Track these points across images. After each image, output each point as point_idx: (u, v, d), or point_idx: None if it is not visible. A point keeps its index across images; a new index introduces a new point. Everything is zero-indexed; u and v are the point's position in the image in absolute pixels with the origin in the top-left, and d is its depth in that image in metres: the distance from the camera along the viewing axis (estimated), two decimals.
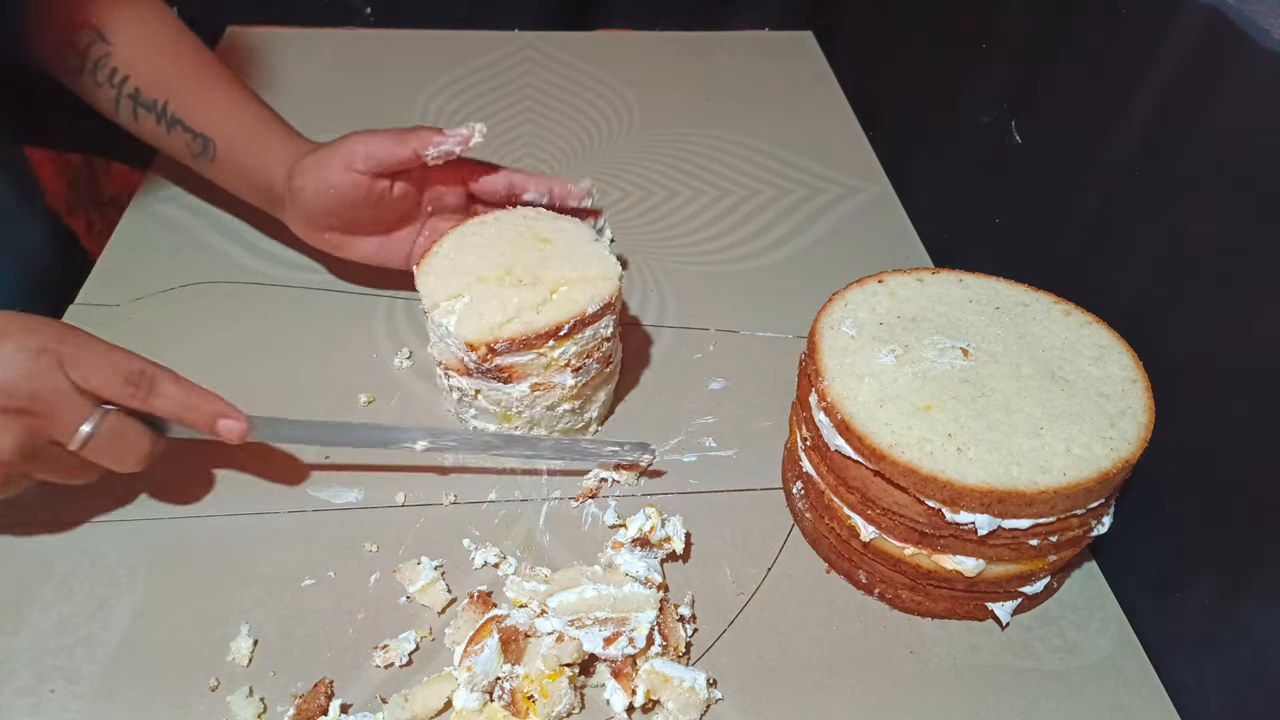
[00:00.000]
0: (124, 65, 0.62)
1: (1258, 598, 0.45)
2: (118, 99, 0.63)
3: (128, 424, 0.47)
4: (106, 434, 0.46)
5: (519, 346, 0.51)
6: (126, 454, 0.47)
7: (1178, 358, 0.51)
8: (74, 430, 0.45)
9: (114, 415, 0.47)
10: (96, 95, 0.64)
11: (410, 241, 0.64)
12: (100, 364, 0.46)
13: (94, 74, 0.62)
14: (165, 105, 0.62)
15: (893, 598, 0.51)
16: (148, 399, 0.47)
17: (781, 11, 1.04)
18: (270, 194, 0.62)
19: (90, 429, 0.46)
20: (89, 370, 0.46)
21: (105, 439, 0.46)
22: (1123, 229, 0.56)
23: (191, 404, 0.49)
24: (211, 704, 0.46)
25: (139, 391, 0.47)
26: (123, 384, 0.46)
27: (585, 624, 0.46)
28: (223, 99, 0.63)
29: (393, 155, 0.59)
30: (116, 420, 0.47)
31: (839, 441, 0.48)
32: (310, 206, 0.60)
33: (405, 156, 0.59)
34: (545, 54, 0.97)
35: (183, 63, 0.64)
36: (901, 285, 0.55)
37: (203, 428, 0.49)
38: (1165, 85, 0.52)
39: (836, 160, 0.85)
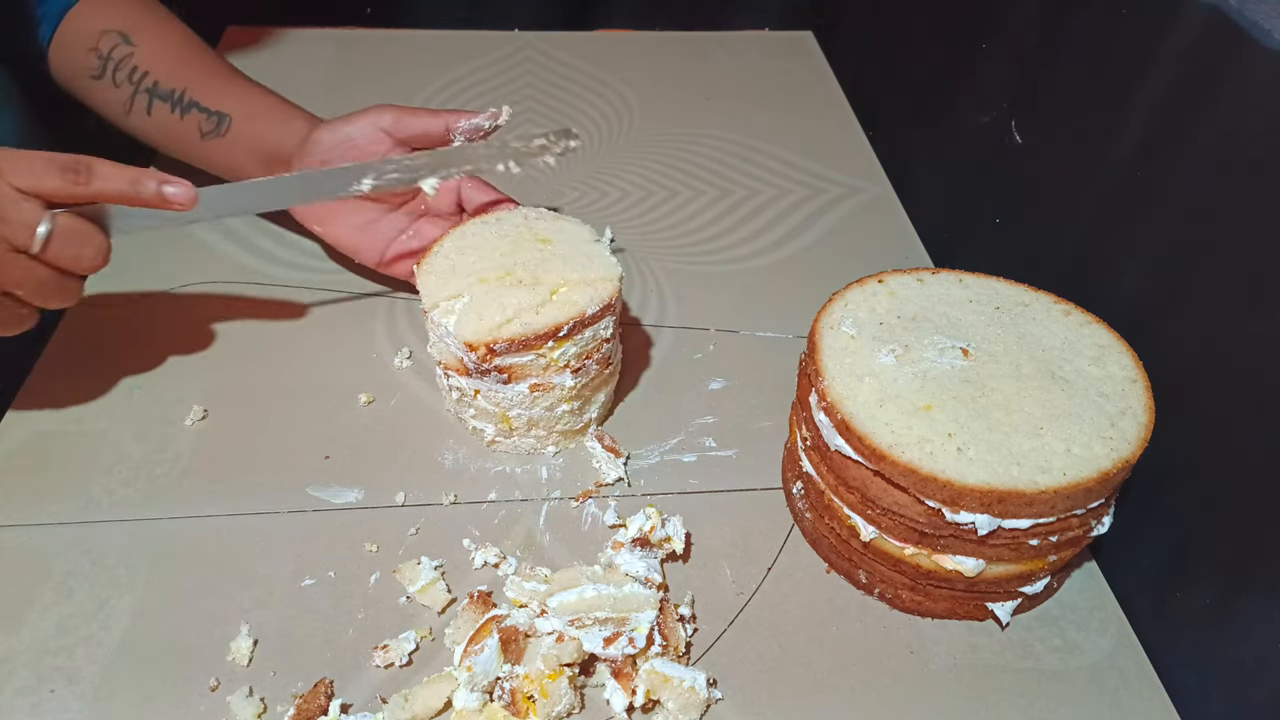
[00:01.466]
0: (144, 63, 0.65)
1: (1258, 598, 0.45)
2: (133, 95, 0.66)
3: (80, 221, 0.49)
4: (63, 231, 0.48)
5: (518, 347, 0.51)
6: (85, 249, 0.49)
7: (1178, 358, 0.51)
8: (31, 231, 0.47)
9: (66, 214, 0.49)
10: (109, 96, 0.67)
11: (392, 236, 0.64)
12: (33, 161, 0.48)
13: (113, 75, 0.66)
14: (183, 93, 0.65)
15: (893, 598, 0.51)
16: (90, 181, 0.49)
17: (781, 11, 1.04)
18: (277, 158, 0.63)
19: (45, 229, 0.47)
20: (24, 171, 0.47)
21: (63, 237, 0.48)
22: (1123, 229, 0.56)
23: (133, 177, 0.50)
24: (211, 704, 0.46)
25: (79, 176, 0.48)
26: (60, 173, 0.48)
27: (585, 624, 0.46)
28: (238, 83, 0.67)
29: (423, 125, 0.61)
30: (69, 218, 0.49)
31: (839, 441, 0.48)
32: (322, 160, 0.61)
33: (435, 129, 0.61)
34: (545, 54, 0.97)
35: (199, 57, 0.67)
36: (901, 285, 0.55)
37: (150, 199, 0.50)
38: (1166, 85, 0.52)
39: (836, 160, 0.85)
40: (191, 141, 0.66)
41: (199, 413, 0.59)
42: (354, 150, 0.60)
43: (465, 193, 0.64)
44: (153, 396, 0.60)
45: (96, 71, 0.66)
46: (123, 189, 0.50)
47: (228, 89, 0.66)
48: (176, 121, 0.65)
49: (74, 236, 0.49)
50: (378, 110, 0.61)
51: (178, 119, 0.65)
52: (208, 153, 0.66)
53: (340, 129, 0.61)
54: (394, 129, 0.61)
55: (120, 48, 0.65)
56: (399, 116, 0.61)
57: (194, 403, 0.60)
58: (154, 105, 0.65)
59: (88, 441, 0.57)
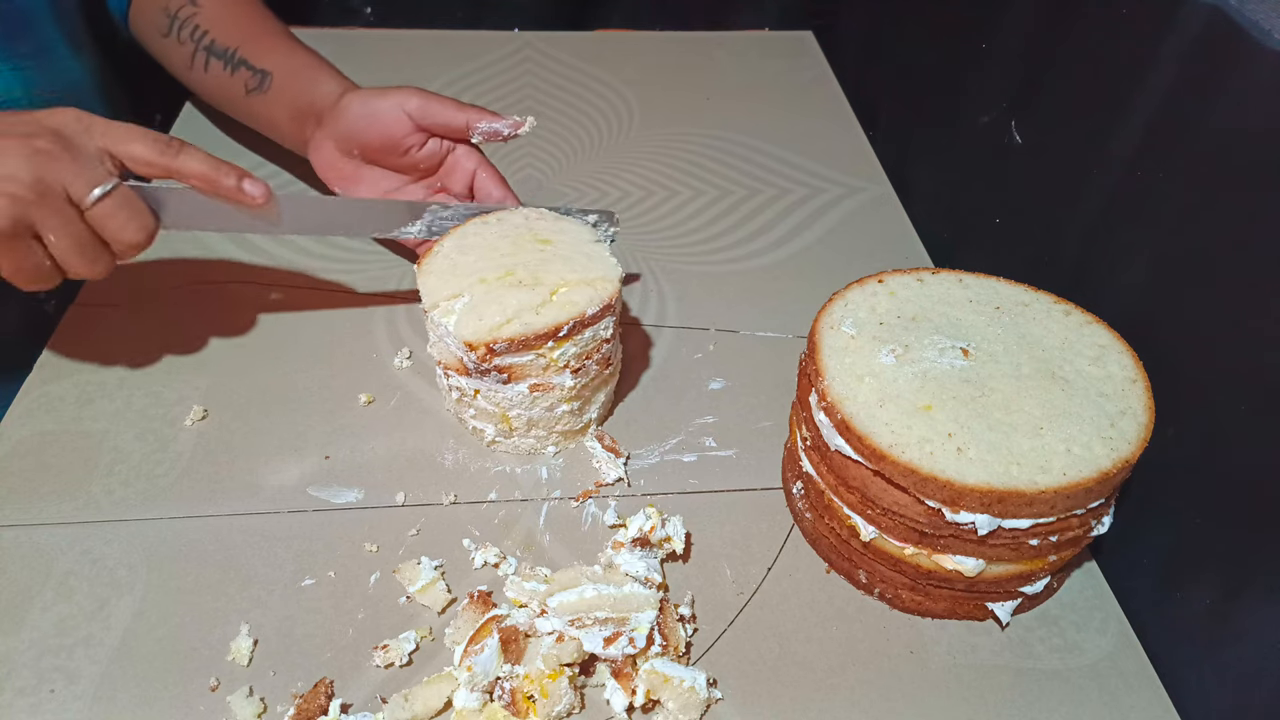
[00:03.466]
0: (205, 23, 0.70)
1: (1258, 598, 0.45)
2: (194, 53, 0.70)
3: (135, 198, 0.51)
4: (116, 198, 0.50)
5: (518, 347, 0.51)
6: (132, 224, 0.51)
7: (1178, 358, 0.51)
8: (90, 188, 0.49)
9: (125, 187, 0.51)
10: (177, 53, 0.71)
11: None
12: (133, 129, 0.51)
13: (178, 33, 0.71)
14: (235, 51, 0.69)
15: (893, 598, 0.51)
16: (176, 157, 0.52)
17: (781, 11, 1.04)
18: (310, 112, 0.65)
19: (102, 191, 0.49)
20: (123, 132, 0.51)
21: (114, 203, 0.50)
22: (1123, 229, 0.56)
23: (217, 164, 0.53)
24: (211, 704, 0.46)
25: (168, 149, 0.52)
26: (151, 142, 0.51)
27: (585, 624, 0.46)
28: (283, 44, 0.70)
29: (446, 116, 0.62)
30: (129, 191, 0.51)
31: (839, 441, 0.48)
32: (346, 127, 0.63)
33: (457, 123, 0.63)
34: (545, 54, 0.97)
35: (254, 20, 0.71)
36: (901, 285, 0.55)
37: (228, 189, 0.53)
38: (1166, 85, 0.52)
39: (836, 160, 0.85)
40: (238, 97, 0.69)
41: (199, 413, 0.59)
42: (376, 125, 0.62)
43: (479, 181, 0.66)
44: (153, 396, 0.60)
45: (165, 29, 0.71)
46: (206, 172, 0.52)
47: (273, 47, 0.69)
48: (227, 78, 0.69)
49: (127, 207, 0.51)
50: (406, 92, 0.62)
51: (228, 75, 0.69)
52: (251, 108, 0.70)
53: (369, 102, 0.62)
54: (418, 115, 0.62)
55: (186, 8, 0.70)
56: (424, 104, 0.62)
57: (194, 403, 0.60)
58: (210, 62, 0.69)
59: (88, 441, 0.57)
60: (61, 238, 0.49)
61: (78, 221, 0.50)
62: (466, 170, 0.66)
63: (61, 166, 0.48)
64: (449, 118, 0.62)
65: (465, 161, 0.65)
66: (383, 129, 0.62)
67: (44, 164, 0.48)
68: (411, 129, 0.63)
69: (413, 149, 0.64)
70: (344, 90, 0.64)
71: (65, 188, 0.49)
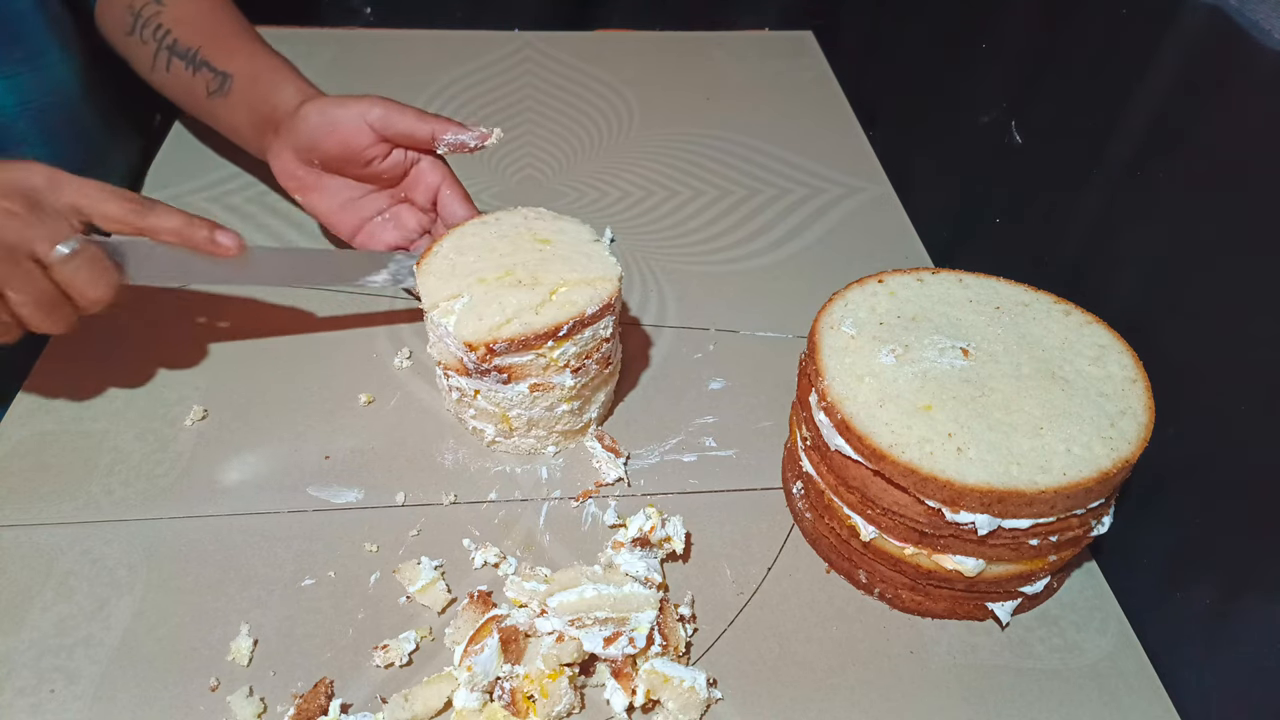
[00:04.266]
0: (168, 22, 0.68)
1: (1258, 598, 0.45)
2: (156, 52, 0.68)
3: (100, 255, 0.51)
4: (82, 256, 0.50)
5: (518, 347, 0.51)
6: (97, 280, 0.51)
7: (1178, 358, 0.51)
8: (54, 245, 0.49)
9: (92, 244, 0.51)
10: (139, 52, 0.69)
11: (369, 216, 0.66)
12: (104, 189, 0.51)
13: (141, 32, 0.69)
14: (197, 52, 0.67)
15: (893, 598, 0.51)
16: (146, 216, 0.52)
17: (781, 11, 1.04)
18: (269, 122, 0.64)
19: (69, 249, 0.49)
20: (92, 190, 0.51)
21: (80, 261, 0.50)
22: (1123, 229, 0.56)
23: (189, 219, 0.53)
24: (211, 704, 0.46)
25: (139, 208, 0.51)
26: (121, 201, 0.51)
27: (585, 624, 0.46)
28: (247, 47, 0.68)
29: (410, 128, 0.61)
30: (95, 248, 0.51)
31: (839, 441, 0.48)
32: (306, 136, 0.62)
33: (422, 134, 0.61)
34: (545, 54, 0.97)
35: (220, 21, 0.69)
36: (901, 285, 0.54)
37: (200, 242, 0.53)
38: (1166, 85, 0.52)
39: (836, 160, 0.85)
40: (199, 99, 0.68)
41: (199, 413, 0.59)
42: (336, 135, 0.61)
43: (442, 197, 0.64)
44: (153, 396, 0.60)
45: (129, 28, 0.69)
46: (178, 228, 0.52)
47: (236, 49, 0.67)
48: (189, 79, 0.67)
49: (92, 265, 0.51)
50: (368, 101, 0.61)
51: (190, 76, 0.67)
52: (213, 110, 0.68)
53: (328, 110, 0.61)
54: (380, 125, 0.61)
55: (150, 6, 0.68)
56: (387, 114, 0.61)
57: (194, 403, 0.60)
58: (172, 62, 0.68)
59: (88, 441, 0.57)
60: (25, 295, 0.49)
61: (42, 279, 0.50)
62: (430, 184, 0.64)
63: (25, 226, 0.48)
64: (413, 128, 0.61)
65: (430, 175, 0.64)
66: (343, 139, 0.61)
67: (8, 224, 0.48)
68: (374, 139, 0.61)
69: (375, 160, 0.62)
70: (304, 98, 0.62)
71: (30, 246, 0.49)
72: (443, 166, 0.64)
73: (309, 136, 0.61)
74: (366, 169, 0.63)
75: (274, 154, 0.64)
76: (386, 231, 0.66)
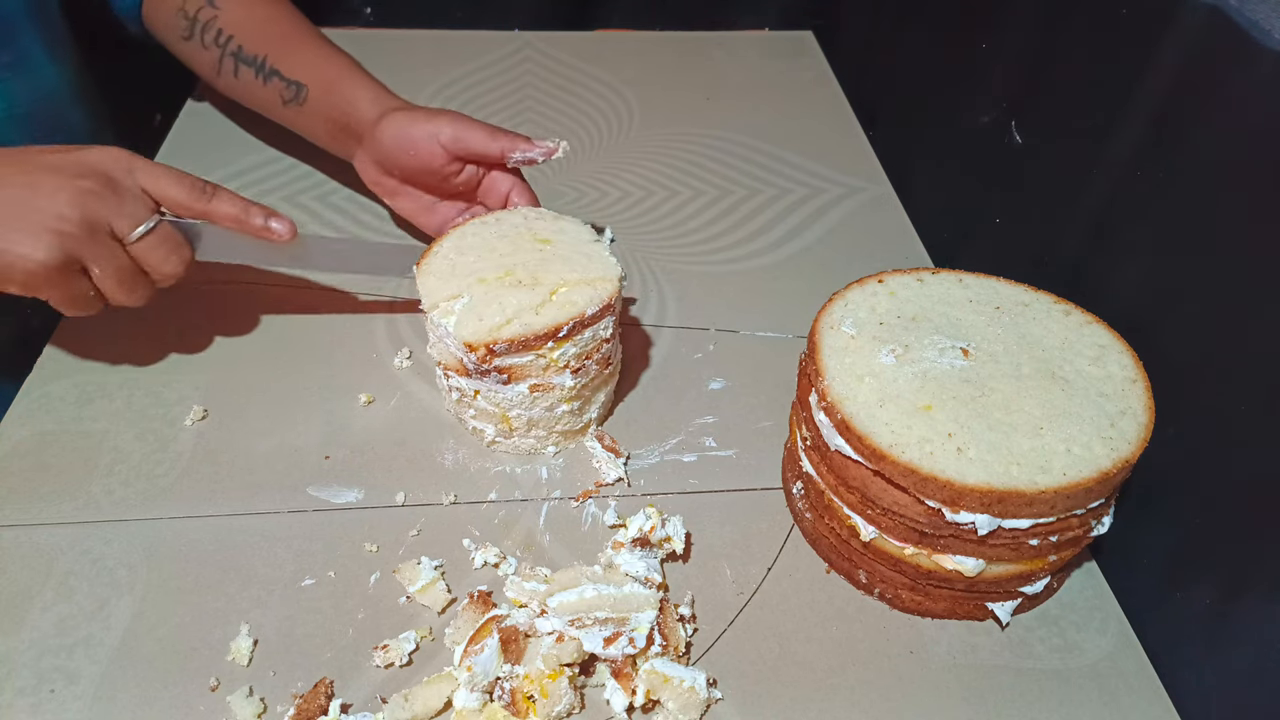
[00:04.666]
0: (228, 27, 0.69)
1: (1258, 598, 0.45)
2: (221, 58, 0.69)
3: (173, 233, 0.55)
4: (158, 234, 0.54)
5: (518, 348, 0.51)
6: (170, 256, 0.54)
7: (1178, 358, 0.51)
8: (133, 225, 0.52)
9: (165, 223, 0.54)
10: (201, 57, 0.71)
11: (450, 217, 0.67)
12: (170, 172, 0.54)
13: (201, 37, 0.70)
14: (265, 60, 0.68)
15: (893, 598, 0.51)
16: (212, 199, 0.55)
17: (781, 11, 1.04)
18: (350, 131, 0.66)
19: (145, 229, 0.53)
20: (161, 175, 0.54)
21: (156, 238, 0.54)
22: (1123, 229, 0.56)
23: (246, 206, 0.56)
24: (211, 704, 0.46)
25: (203, 193, 0.55)
26: (189, 186, 0.54)
27: (585, 624, 0.46)
28: (315, 52, 0.69)
29: (482, 147, 0.63)
30: (169, 227, 0.54)
31: (839, 441, 0.48)
32: (384, 153, 0.64)
33: (492, 153, 0.63)
34: (545, 54, 0.97)
35: (281, 23, 0.70)
36: (901, 285, 0.54)
37: (255, 228, 0.56)
38: (1166, 85, 0.52)
39: (836, 160, 0.85)
40: (274, 107, 0.70)
41: (199, 413, 0.59)
42: (411, 152, 0.63)
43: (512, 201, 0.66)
44: (153, 396, 0.60)
45: (186, 33, 0.70)
46: (236, 214, 0.56)
47: (305, 58, 0.68)
48: (260, 87, 0.69)
49: (168, 241, 0.54)
50: (440, 120, 0.62)
51: (261, 84, 0.68)
52: (288, 118, 0.70)
53: (405, 128, 0.63)
54: (451, 145, 0.62)
55: (205, 10, 0.69)
56: (458, 134, 0.62)
57: (194, 403, 0.60)
58: (240, 69, 0.69)
59: (88, 441, 0.57)
60: (107, 271, 0.52)
61: (122, 255, 0.53)
62: (501, 191, 0.66)
63: (107, 206, 0.51)
64: (484, 147, 0.62)
65: (501, 183, 0.65)
66: (418, 159, 0.63)
67: (91, 204, 0.51)
68: (447, 159, 0.63)
69: (450, 176, 0.64)
70: (382, 111, 0.64)
71: (110, 225, 0.52)
72: (513, 175, 0.66)
73: (388, 153, 0.64)
74: (443, 183, 0.65)
75: (359, 162, 0.67)
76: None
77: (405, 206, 0.68)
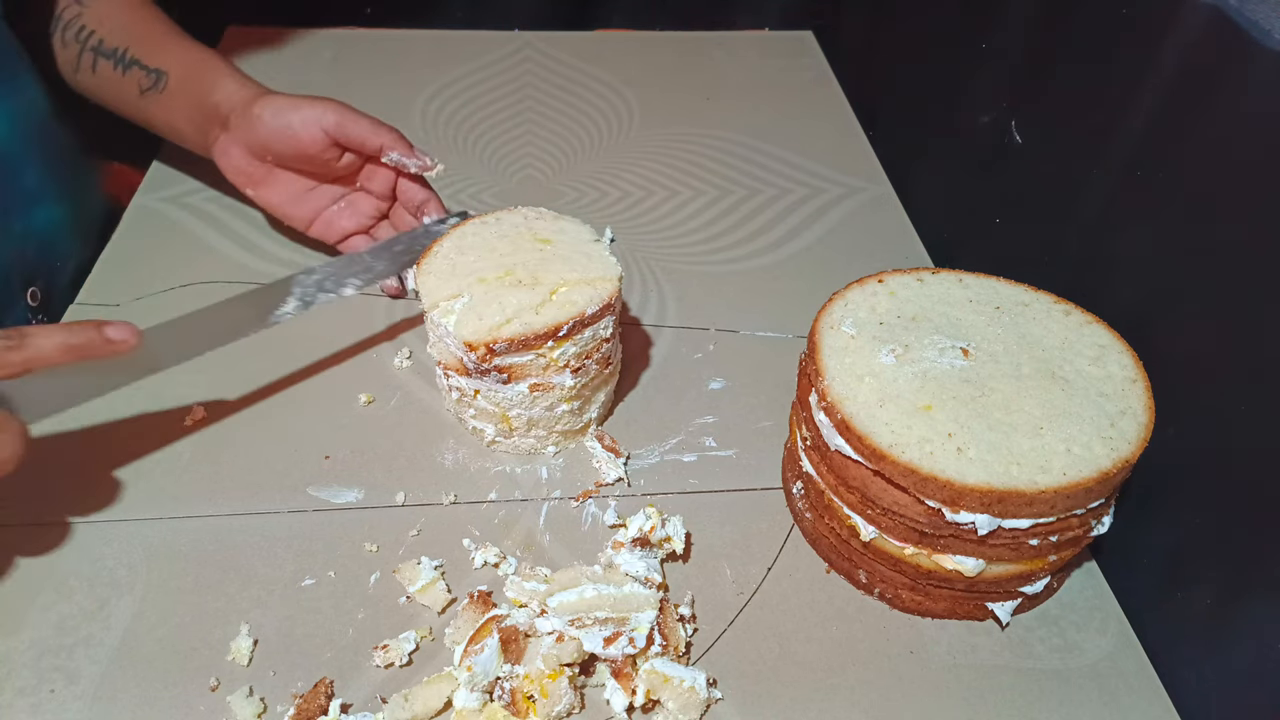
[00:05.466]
0: (92, 23, 0.67)
1: (1258, 598, 0.45)
2: (80, 53, 0.67)
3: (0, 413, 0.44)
4: None
5: (518, 347, 0.51)
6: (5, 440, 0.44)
7: (1178, 358, 0.51)
8: None
9: None
10: (62, 55, 0.69)
11: (324, 206, 0.66)
12: None
13: (63, 33, 0.68)
14: (125, 51, 0.66)
15: (893, 598, 0.51)
16: (26, 348, 0.45)
17: (781, 11, 1.04)
18: (214, 116, 0.64)
19: None
20: None
21: None
22: (1123, 229, 0.56)
23: (69, 330, 0.47)
24: (211, 704, 0.46)
25: (12, 342, 0.45)
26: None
27: (585, 624, 0.46)
28: (178, 43, 0.67)
29: (362, 139, 0.62)
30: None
31: (839, 441, 0.48)
32: (260, 136, 0.62)
33: (371, 145, 0.62)
34: (545, 54, 0.97)
35: (144, 17, 0.68)
36: (901, 285, 0.54)
37: (97, 348, 0.47)
38: (1166, 85, 0.52)
39: (836, 160, 0.85)
40: (131, 99, 0.67)
41: (199, 413, 0.59)
42: (291, 138, 0.61)
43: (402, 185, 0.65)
44: (153, 396, 0.60)
45: (50, 30, 0.68)
46: (63, 344, 0.46)
47: (168, 46, 0.66)
48: (119, 78, 0.66)
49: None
50: (323, 106, 0.61)
51: (119, 76, 0.66)
52: (147, 109, 0.67)
53: (284, 114, 0.61)
54: (334, 131, 0.61)
55: (72, 8, 0.67)
56: (342, 121, 0.61)
57: (194, 403, 0.60)
58: (99, 63, 0.67)
59: (88, 441, 0.57)
60: None
61: None
62: (387, 175, 0.65)
63: None
64: (364, 139, 0.62)
65: (415, 193, 0.65)
66: (298, 143, 0.61)
67: None
68: (328, 144, 0.62)
69: (330, 161, 0.63)
70: (254, 95, 0.62)
71: None
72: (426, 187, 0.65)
73: (263, 137, 0.62)
74: (322, 167, 0.64)
75: (220, 150, 0.64)
76: (343, 218, 0.67)
77: (272, 198, 0.65)
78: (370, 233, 0.68)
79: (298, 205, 0.66)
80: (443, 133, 0.86)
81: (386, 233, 0.68)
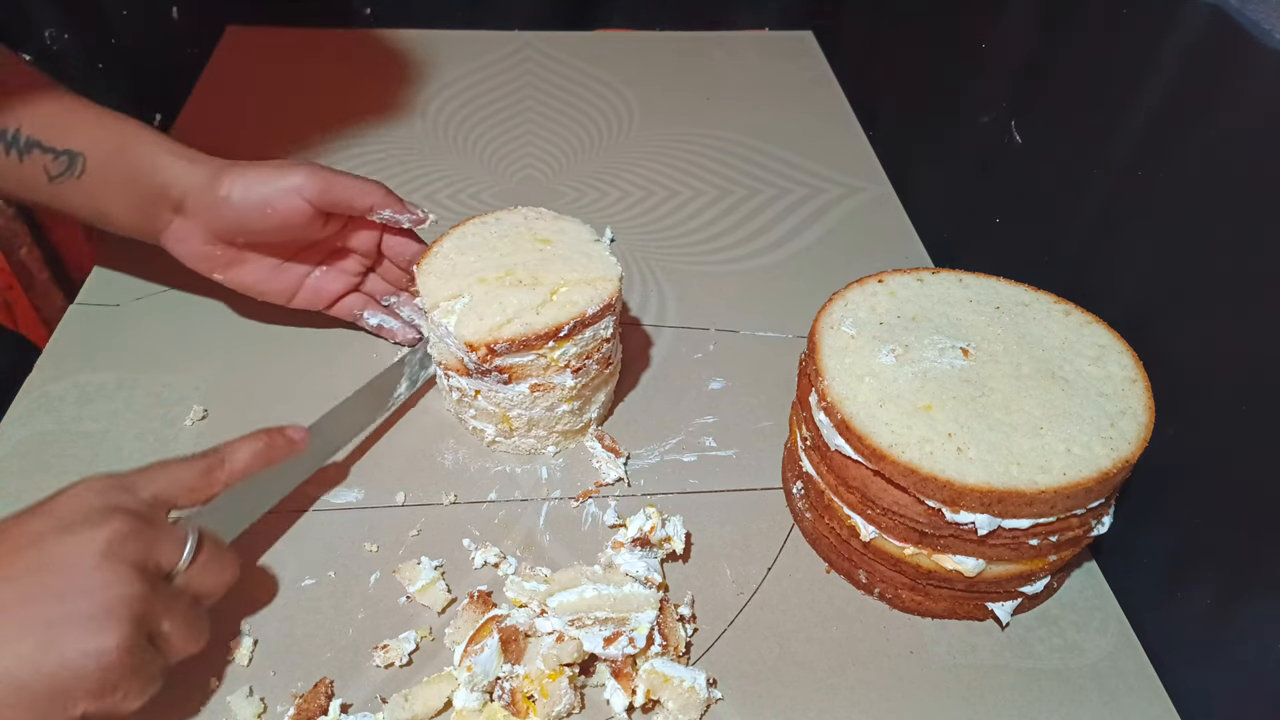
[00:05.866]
0: None
1: (1258, 598, 0.45)
2: None
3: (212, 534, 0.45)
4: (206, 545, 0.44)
5: (518, 347, 0.51)
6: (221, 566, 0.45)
7: (1178, 358, 0.51)
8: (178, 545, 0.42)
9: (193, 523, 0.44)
10: None
11: (304, 274, 0.61)
12: (169, 465, 0.45)
13: None
14: (18, 131, 0.54)
15: (893, 598, 0.52)
16: (225, 464, 0.47)
17: (781, 11, 1.04)
18: (161, 201, 0.55)
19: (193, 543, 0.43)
20: (159, 473, 0.45)
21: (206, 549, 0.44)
22: (1123, 229, 0.56)
23: (254, 440, 0.48)
24: (211, 704, 0.46)
25: (213, 461, 0.46)
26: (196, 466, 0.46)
27: (585, 624, 0.46)
28: (85, 114, 0.56)
29: (350, 201, 0.57)
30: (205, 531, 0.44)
31: (839, 441, 0.48)
32: (230, 218, 0.55)
33: (360, 207, 0.57)
34: (545, 54, 0.97)
35: (36, 91, 0.56)
36: (901, 285, 0.55)
37: (279, 452, 0.49)
38: (1167, 85, 0.52)
39: (836, 160, 0.85)
40: (40, 187, 0.55)
41: (199, 413, 0.59)
42: (271, 217, 0.55)
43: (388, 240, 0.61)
44: (153, 396, 0.60)
45: None
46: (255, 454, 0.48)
47: (73, 123, 0.55)
48: (17, 165, 0.55)
49: (212, 547, 0.44)
50: (300, 173, 0.55)
51: (17, 162, 0.54)
52: (62, 197, 0.56)
53: (255, 189, 0.54)
54: (320, 200, 0.55)
55: None
56: (326, 187, 0.55)
57: (194, 403, 0.60)
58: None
59: (88, 441, 0.57)
60: (177, 620, 0.41)
61: (183, 593, 0.43)
62: (371, 233, 0.61)
63: (142, 540, 0.41)
64: (352, 200, 0.56)
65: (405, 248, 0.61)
66: (279, 219, 0.55)
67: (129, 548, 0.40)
68: (313, 215, 0.56)
69: (314, 231, 0.57)
70: (213, 173, 0.54)
71: (156, 561, 0.41)
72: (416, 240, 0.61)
73: (232, 219, 0.55)
74: (304, 239, 0.58)
75: (174, 237, 0.56)
76: (328, 282, 0.62)
77: (244, 278, 0.59)
78: (359, 289, 0.63)
79: (275, 280, 0.60)
80: (442, 133, 0.86)
81: (378, 285, 0.64)
